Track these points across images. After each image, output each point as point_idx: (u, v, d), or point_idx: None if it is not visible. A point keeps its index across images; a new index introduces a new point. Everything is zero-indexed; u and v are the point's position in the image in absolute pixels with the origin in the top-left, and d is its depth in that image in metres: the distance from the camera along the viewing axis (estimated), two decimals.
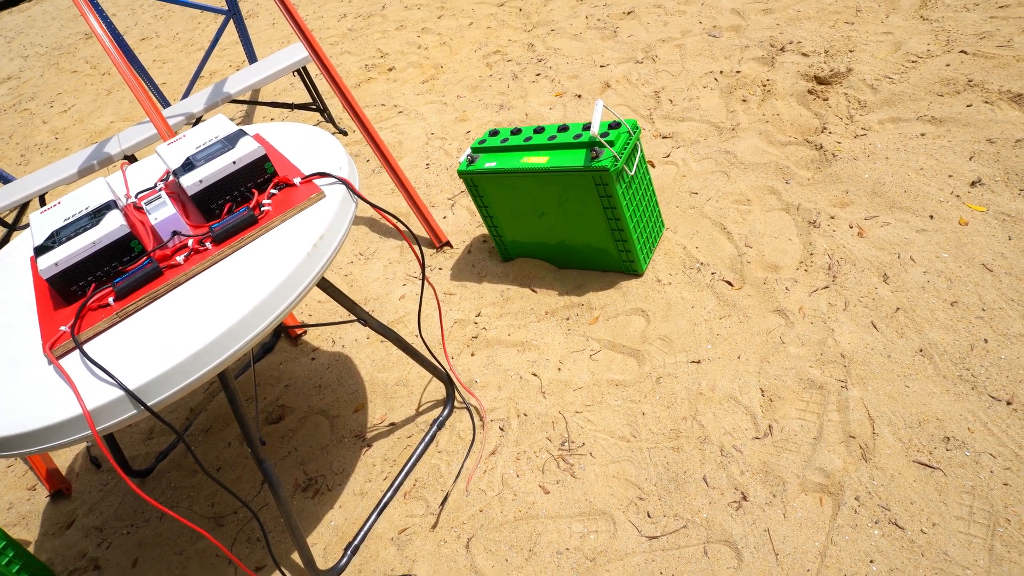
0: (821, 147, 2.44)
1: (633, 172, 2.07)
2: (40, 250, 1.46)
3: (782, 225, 2.22)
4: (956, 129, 2.31)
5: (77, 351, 1.33)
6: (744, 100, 2.84)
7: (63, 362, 1.32)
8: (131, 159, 3.42)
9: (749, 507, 1.54)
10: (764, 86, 2.86)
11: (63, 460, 2.43)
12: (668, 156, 2.71)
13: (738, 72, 3.01)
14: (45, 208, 1.64)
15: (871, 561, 1.39)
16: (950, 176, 2.15)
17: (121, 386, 1.22)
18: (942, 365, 1.67)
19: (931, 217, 2.05)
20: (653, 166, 2.68)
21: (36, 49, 8.76)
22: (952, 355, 1.69)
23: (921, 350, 1.72)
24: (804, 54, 2.96)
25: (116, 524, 2.10)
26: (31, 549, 2.13)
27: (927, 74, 2.58)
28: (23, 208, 3.44)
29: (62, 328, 1.38)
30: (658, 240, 2.31)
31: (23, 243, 1.86)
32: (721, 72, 3.06)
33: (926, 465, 1.51)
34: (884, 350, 1.75)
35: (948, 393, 1.62)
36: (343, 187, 1.55)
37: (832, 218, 2.17)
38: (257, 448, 1.52)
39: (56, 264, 1.41)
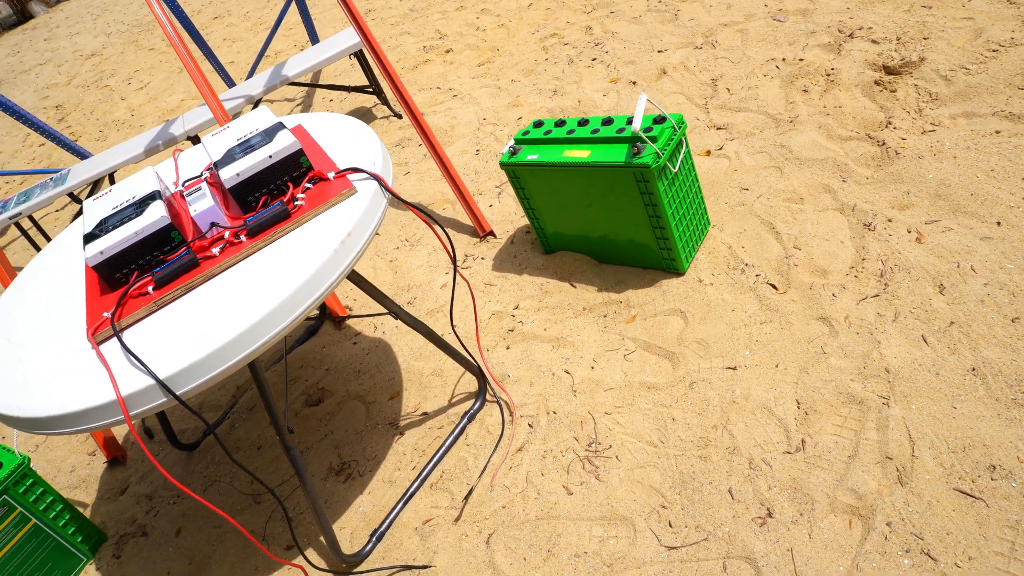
0: (884, 143, 2.31)
1: (677, 169, 2.01)
2: (88, 238, 1.53)
3: (835, 227, 2.11)
4: None
5: (116, 338, 1.39)
6: (805, 90, 2.71)
7: (103, 348, 1.39)
8: (195, 140, 3.54)
9: (774, 524, 1.50)
10: (828, 76, 2.72)
11: (120, 429, 2.57)
12: (721, 148, 2.61)
13: (801, 60, 2.86)
14: (97, 195, 1.71)
15: None
16: (1023, 180, 2.00)
17: (153, 376, 1.27)
18: (995, 387, 1.57)
19: (998, 224, 1.91)
20: (708, 154, 2.60)
21: (118, 26, 9.14)
22: (1008, 376, 1.58)
23: (974, 369, 1.62)
24: (874, 41, 2.79)
25: (164, 493, 2.22)
26: (88, 511, 2.27)
27: (1008, 65, 2.40)
28: (95, 185, 3.62)
29: (104, 315, 1.44)
30: (703, 238, 2.24)
31: (77, 231, 1.96)
32: (783, 59, 2.92)
33: (967, 494, 1.43)
34: (933, 367, 1.66)
35: (999, 417, 1.52)
36: (375, 183, 1.56)
37: (889, 221, 2.05)
38: (285, 436, 1.56)
39: (102, 252, 1.48)
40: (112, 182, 3.66)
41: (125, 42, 8.17)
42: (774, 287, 2.02)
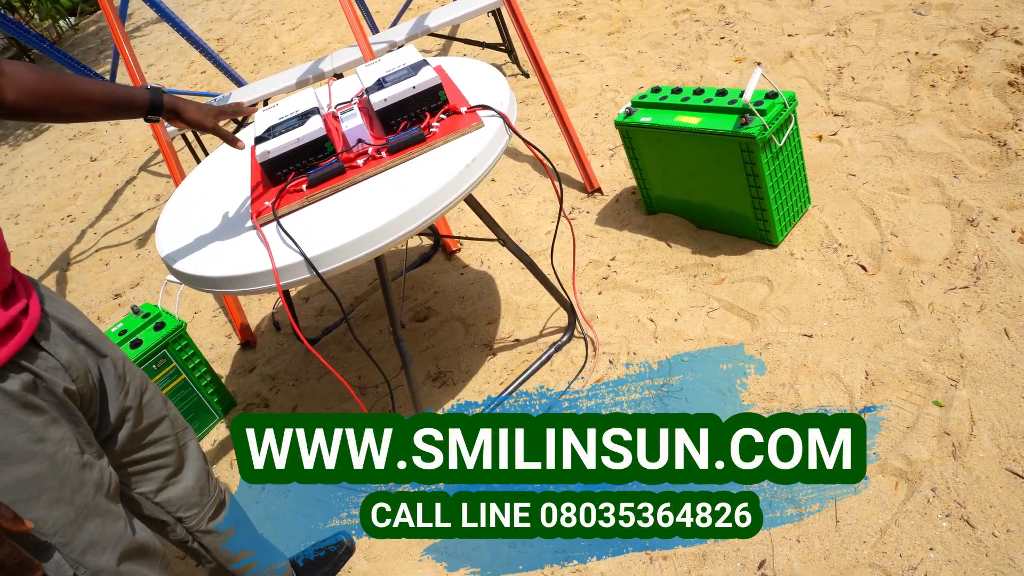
0: (1005, 144, 2.28)
1: (782, 144, 2.10)
2: (259, 140, 1.82)
3: (937, 219, 2.14)
4: None
5: (275, 223, 1.67)
6: (933, 85, 2.68)
7: (264, 230, 1.67)
8: (339, 76, 3.88)
9: None
10: (960, 73, 2.67)
11: (253, 319, 2.94)
12: (835, 134, 2.65)
13: (935, 55, 2.82)
14: (267, 108, 2.01)
15: (931, 548, 1.43)
16: None
17: (302, 253, 1.54)
18: None
19: None
20: (821, 139, 2.64)
21: None
22: None
23: None
24: (1017, 41, 2.71)
25: (285, 376, 2.56)
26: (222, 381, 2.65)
27: None
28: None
29: (266, 203, 1.73)
30: (800, 215, 2.31)
31: (248, 135, 2.27)
32: (916, 53, 2.88)
33: (1018, 475, 1.49)
34: (1010, 358, 1.70)
35: None
36: (500, 120, 1.76)
37: (995, 219, 2.06)
38: (397, 328, 1.82)
39: (268, 152, 1.76)
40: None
41: None
42: (864, 268, 2.08)
